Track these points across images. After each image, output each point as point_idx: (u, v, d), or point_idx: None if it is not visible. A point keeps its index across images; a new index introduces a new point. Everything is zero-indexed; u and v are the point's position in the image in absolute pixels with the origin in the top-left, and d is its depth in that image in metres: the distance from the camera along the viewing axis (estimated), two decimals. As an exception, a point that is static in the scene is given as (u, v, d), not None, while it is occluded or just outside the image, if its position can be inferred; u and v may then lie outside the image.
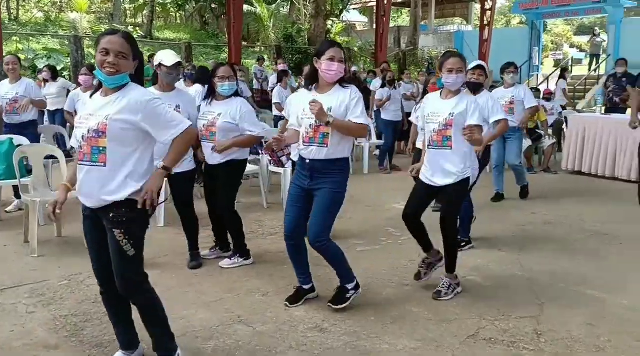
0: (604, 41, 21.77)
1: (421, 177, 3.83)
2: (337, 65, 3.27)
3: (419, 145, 5.07)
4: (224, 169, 4.20)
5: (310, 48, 19.38)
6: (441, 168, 3.69)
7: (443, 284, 3.82)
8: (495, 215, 5.90)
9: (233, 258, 4.35)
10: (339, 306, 3.52)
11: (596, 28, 25.27)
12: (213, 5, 24.47)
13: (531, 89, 8.54)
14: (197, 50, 19.65)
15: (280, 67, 12.00)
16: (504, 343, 3.18)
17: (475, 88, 4.84)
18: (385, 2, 17.14)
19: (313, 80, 3.43)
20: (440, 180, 3.70)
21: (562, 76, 14.33)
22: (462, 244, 4.62)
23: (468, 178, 3.71)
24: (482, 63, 5.22)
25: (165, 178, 2.77)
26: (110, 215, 2.49)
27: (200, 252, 4.43)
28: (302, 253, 3.59)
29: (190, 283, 4.03)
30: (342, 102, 3.33)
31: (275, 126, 7.89)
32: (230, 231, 4.41)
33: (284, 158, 6.18)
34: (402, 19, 34.14)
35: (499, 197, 6.51)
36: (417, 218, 3.80)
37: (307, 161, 3.38)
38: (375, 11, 18.96)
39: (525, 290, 3.92)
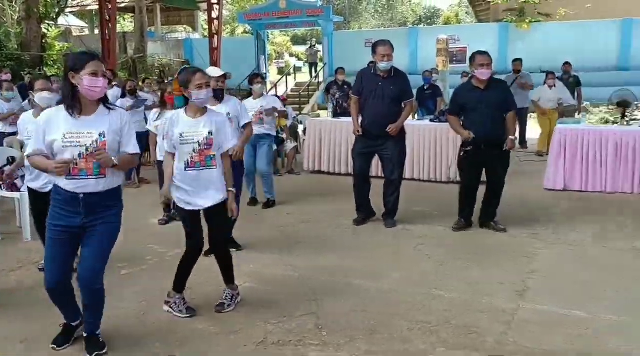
0: (319, 51, 24.21)
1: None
2: (102, 81, 2.90)
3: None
4: None
5: (24, 54, 17.29)
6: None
7: (225, 296, 3.80)
8: (254, 219, 6.08)
9: None
10: (102, 352, 3.16)
11: (313, 39, 28.00)
12: None
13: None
14: None
15: (4, 76, 10.23)
16: (291, 343, 3.31)
17: (217, 95, 4.88)
18: (110, 6, 16.22)
19: (74, 100, 2.90)
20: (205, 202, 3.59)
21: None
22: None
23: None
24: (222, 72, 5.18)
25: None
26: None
27: None
28: (70, 294, 3.17)
29: None
30: (114, 130, 2.97)
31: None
32: None
33: (18, 181, 5.41)
34: (125, 24, 32.77)
35: (254, 201, 6.72)
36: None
37: (81, 195, 2.92)
38: (99, 16, 17.76)
39: (300, 288, 4.13)
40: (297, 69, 24.14)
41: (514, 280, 4.22)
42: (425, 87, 10.78)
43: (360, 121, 5.76)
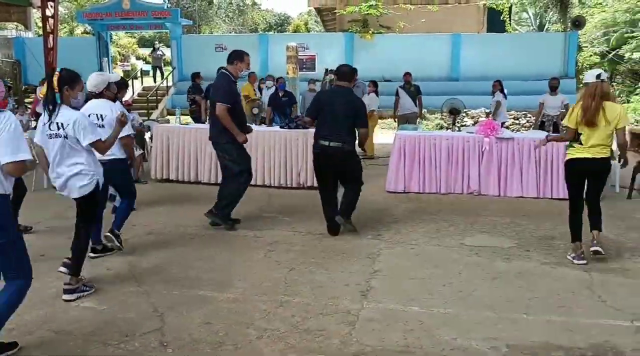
0: (164, 55, 23.44)
1: None
2: None
3: None
4: None
5: None
6: None
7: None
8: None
9: None
10: None
11: (156, 42, 26.99)
12: None
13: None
14: None
15: None
16: (133, 365, 3.13)
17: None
18: None
19: None
20: None
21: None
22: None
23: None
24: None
25: None
26: None
27: None
28: None
29: None
30: None
31: None
32: None
33: None
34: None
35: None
36: None
37: None
38: None
39: (144, 304, 3.92)
40: (144, 73, 23.10)
41: (359, 281, 4.39)
42: (281, 94, 10.92)
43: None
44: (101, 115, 4.78)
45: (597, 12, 25.40)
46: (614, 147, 5.12)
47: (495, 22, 21.82)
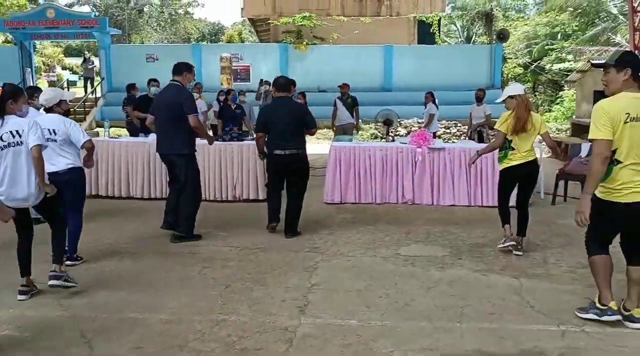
0: (96, 65, 22.72)
1: None
2: None
3: None
4: None
5: None
6: None
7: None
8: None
9: None
10: None
11: (86, 52, 26.11)
12: None
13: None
14: None
15: None
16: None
17: None
18: None
19: None
20: None
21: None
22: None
23: None
24: None
25: None
26: None
27: None
28: None
29: None
30: None
31: None
32: None
33: None
34: None
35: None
36: None
37: None
38: None
39: (70, 331, 3.72)
40: (71, 83, 22.31)
41: (296, 295, 4.35)
42: (233, 106, 10.81)
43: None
44: (54, 130, 4.76)
45: (520, 25, 26.71)
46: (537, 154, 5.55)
47: (426, 34, 22.49)
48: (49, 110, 4.89)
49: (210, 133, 9.45)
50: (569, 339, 3.58)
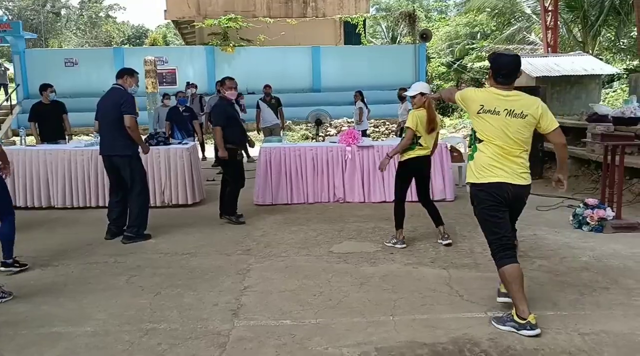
0: (9, 70, 21.56)
1: None
2: None
3: None
4: None
5: None
6: None
7: None
8: None
9: None
10: None
11: (-1, 59, 24.71)
12: None
13: None
14: None
15: None
16: None
17: None
18: None
19: None
20: None
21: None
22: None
23: None
24: None
25: None
26: None
27: None
28: None
29: None
30: None
31: None
32: None
33: None
34: None
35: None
36: None
37: None
38: None
39: (-15, 351, 3.48)
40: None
41: (229, 299, 4.27)
42: (182, 109, 10.53)
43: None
44: None
45: (442, 26, 27.59)
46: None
47: (352, 35, 22.79)
48: None
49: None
50: (496, 325, 3.70)
